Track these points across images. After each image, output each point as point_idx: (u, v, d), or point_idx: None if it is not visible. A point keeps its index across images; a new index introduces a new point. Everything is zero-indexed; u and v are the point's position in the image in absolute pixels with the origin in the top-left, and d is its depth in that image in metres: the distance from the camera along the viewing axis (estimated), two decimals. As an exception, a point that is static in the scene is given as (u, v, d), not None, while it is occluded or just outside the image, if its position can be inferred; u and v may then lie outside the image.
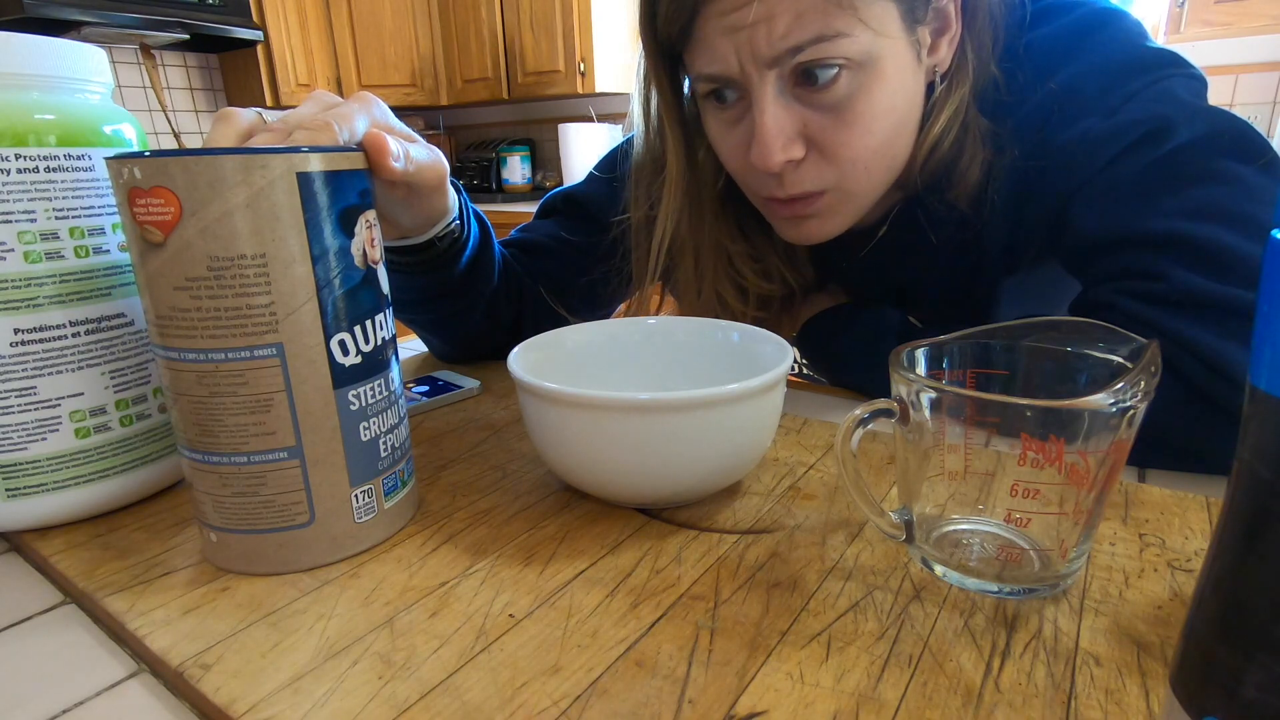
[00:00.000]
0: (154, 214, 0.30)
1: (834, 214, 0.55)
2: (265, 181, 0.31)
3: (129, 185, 0.31)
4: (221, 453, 0.33)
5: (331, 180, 0.33)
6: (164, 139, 2.69)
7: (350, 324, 0.34)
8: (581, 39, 2.82)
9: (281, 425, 0.33)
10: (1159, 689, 0.27)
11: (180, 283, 0.31)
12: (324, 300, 0.33)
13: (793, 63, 0.47)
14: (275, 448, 0.33)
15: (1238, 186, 0.45)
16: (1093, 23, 0.52)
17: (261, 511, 0.34)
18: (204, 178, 0.30)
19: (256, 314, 0.32)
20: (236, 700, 0.27)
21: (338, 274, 0.33)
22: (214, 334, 0.32)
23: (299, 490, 0.34)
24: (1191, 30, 2.13)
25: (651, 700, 0.27)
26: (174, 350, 0.32)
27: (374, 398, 0.36)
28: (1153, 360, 0.29)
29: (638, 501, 0.40)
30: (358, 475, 0.36)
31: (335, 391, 0.34)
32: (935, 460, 0.33)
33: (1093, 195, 0.49)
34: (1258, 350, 0.17)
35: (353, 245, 0.34)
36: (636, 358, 0.49)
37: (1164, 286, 0.45)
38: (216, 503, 0.34)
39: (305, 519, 0.35)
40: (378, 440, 0.37)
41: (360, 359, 0.35)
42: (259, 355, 0.32)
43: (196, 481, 0.35)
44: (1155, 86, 0.49)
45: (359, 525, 0.36)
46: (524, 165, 3.38)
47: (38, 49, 0.36)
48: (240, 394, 0.32)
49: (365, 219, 0.35)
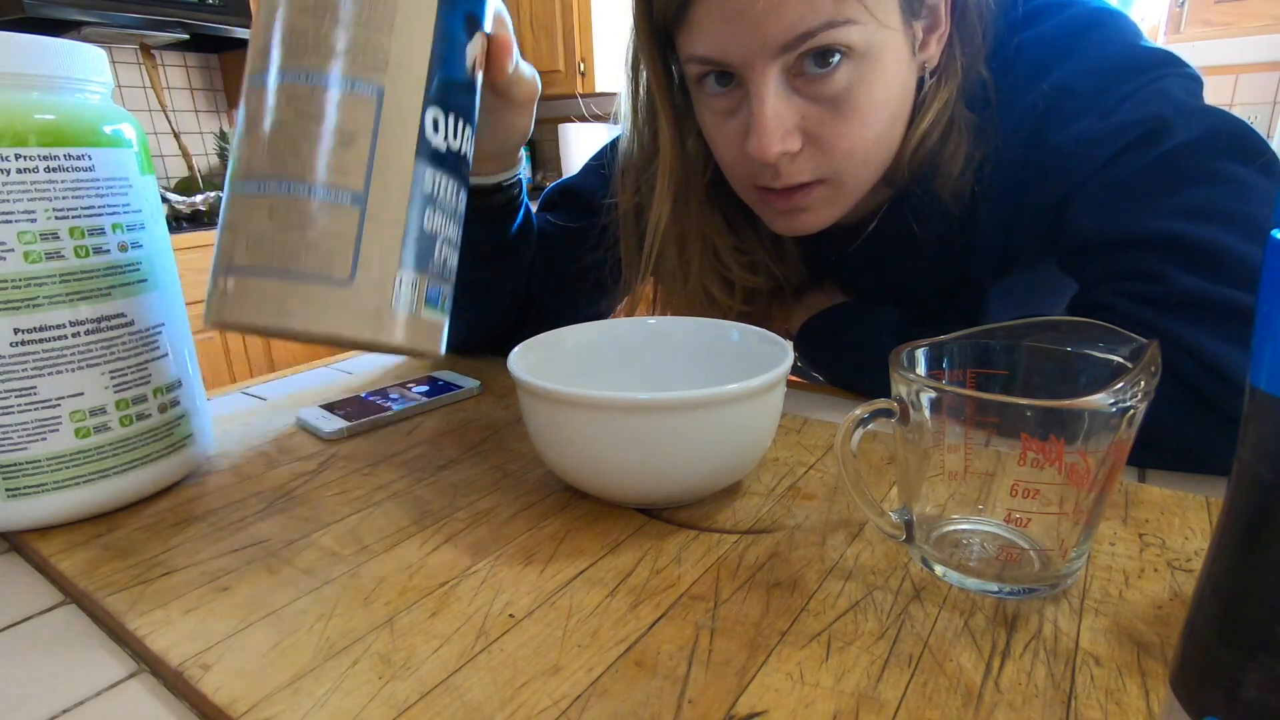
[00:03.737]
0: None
1: (827, 206, 0.55)
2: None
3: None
4: (284, 178, 0.31)
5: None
6: (164, 139, 2.69)
7: (446, 107, 0.34)
8: (581, 39, 2.82)
9: (355, 166, 0.32)
10: (1159, 689, 0.27)
11: (307, 6, 0.31)
12: (433, 69, 0.33)
13: (801, 49, 0.47)
14: (342, 186, 0.32)
15: (1236, 187, 0.45)
16: (1086, 22, 0.52)
17: (302, 253, 0.31)
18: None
19: (370, 49, 0.31)
20: (236, 700, 0.27)
21: (450, 58, 0.34)
22: (325, 56, 0.31)
23: (349, 239, 0.32)
24: (1191, 30, 2.13)
25: (651, 700, 0.27)
26: (274, 72, 0.32)
27: (445, 193, 0.35)
28: (1153, 360, 0.29)
29: (638, 501, 0.40)
30: (410, 258, 0.34)
31: (416, 160, 0.33)
32: (935, 460, 0.33)
33: (1090, 196, 0.49)
34: (1258, 350, 0.17)
35: (468, 48, 0.35)
36: (636, 358, 0.49)
37: (1162, 288, 0.45)
38: (254, 239, 0.31)
39: (345, 274, 0.32)
40: (437, 239, 0.35)
41: (444, 147, 0.35)
42: (359, 89, 0.31)
43: (237, 219, 0.32)
44: (1151, 86, 0.49)
45: (392, 312, 0.33)
46: (524, 165, 3.37)
47: (38, 49, 0.36)
48: (327, 122, 0.31)
49: (480, 39, 0.36)
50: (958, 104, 0.53)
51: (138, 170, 0.41)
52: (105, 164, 0.38)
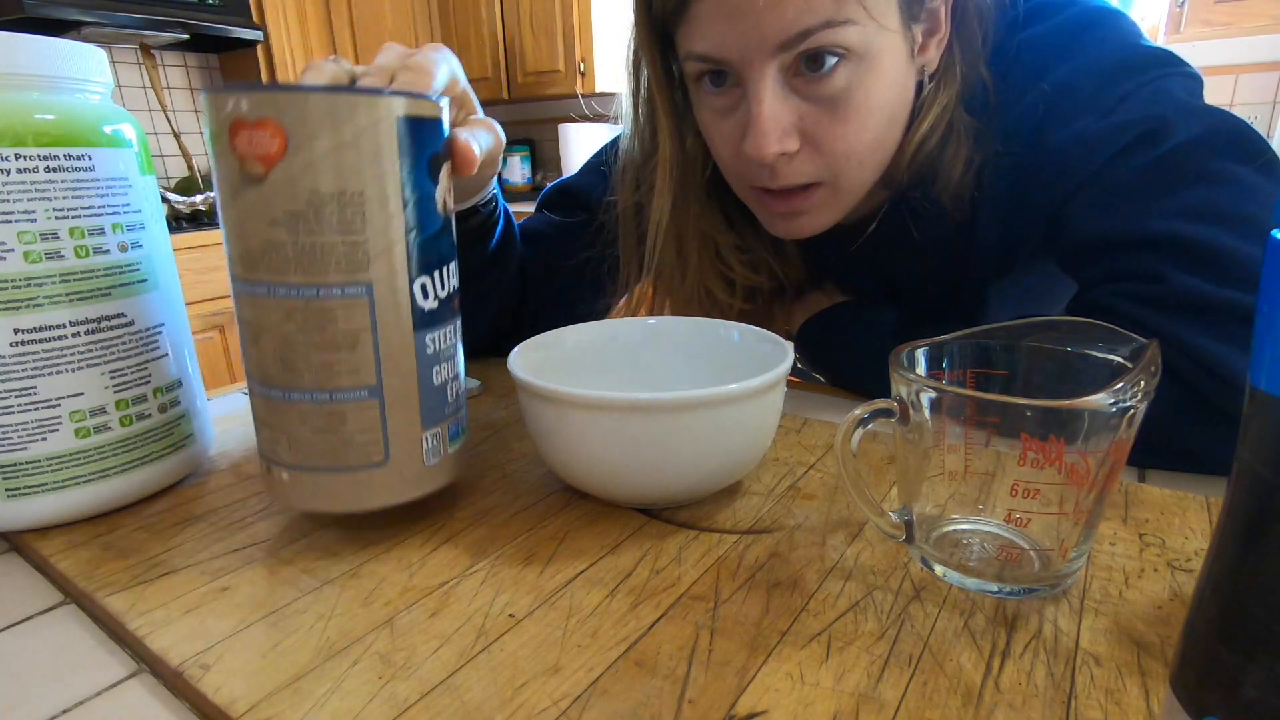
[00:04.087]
0: (258, 146, 0.31)
1: (825, 209, 0.55)
2: (371, 121, 0.31)
3: (233, 117, 0.31)
4: (304, 389, 0.33)
5: (426, 126, 0.34)
6: (164, 139, 2.69)
7: (430, 269, 0.35)
8: (581, 39, 2.82)
9: (364, 364, 0.33)
10: (1159, 689, 0.27)
11: (278, 217, 0.31)
12: (411, 242, 0.34)
13: (799, 48, 0.47)
14: (357, 386, 0.34)
15: (1236, 187, 0.45)
16: (1085, 21, 0.52)
17: (340, 449, 0.34)
18: (314, 113, 0.30)
19: (350, 251, 0.32)
20: (236, 700, 0.27)
21: (423, 218, 0.34)
22: (307, 270, 0.32)
23: (376, 429, 0.34)
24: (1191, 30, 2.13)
25: (651, 700, 0.27)
26: (263, 285, 0.32)
27: (445, 343, 0.37)
28: (1153, 360, 0.29)
29: (638, 501, 0.40)
30: (429, 417, 0.36)
31: (415, 334, 0.35)
32: (935, 460, 0.33)
33: (1089, 196, 0.49)
34: (1258, 350, 0.17)
35: (436, 192, 0.35)
36: (636, 358, 0.49)
37: (1162, 289, 0.45)
38: (293, 440, 0.34)
39: (380, 458, 0.35)
40: (446, 385, 0.37)
41: (437, 304, 0.36)
42: (349, 293, 0.32)
43: (272, 419, 0.35)
44: (1151, 86, 0.49)
45: (427, 468, 0.37)
46: (524, 165, 3.38)
47: (38, 49, 0.36)
48: (328, 331, 0.33)
49: (445, 168, 0.36)
50: (957, 108, 0.53)
51: (138, 170, 0.41)
52: (105, 164, 0.38)
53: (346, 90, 0.32)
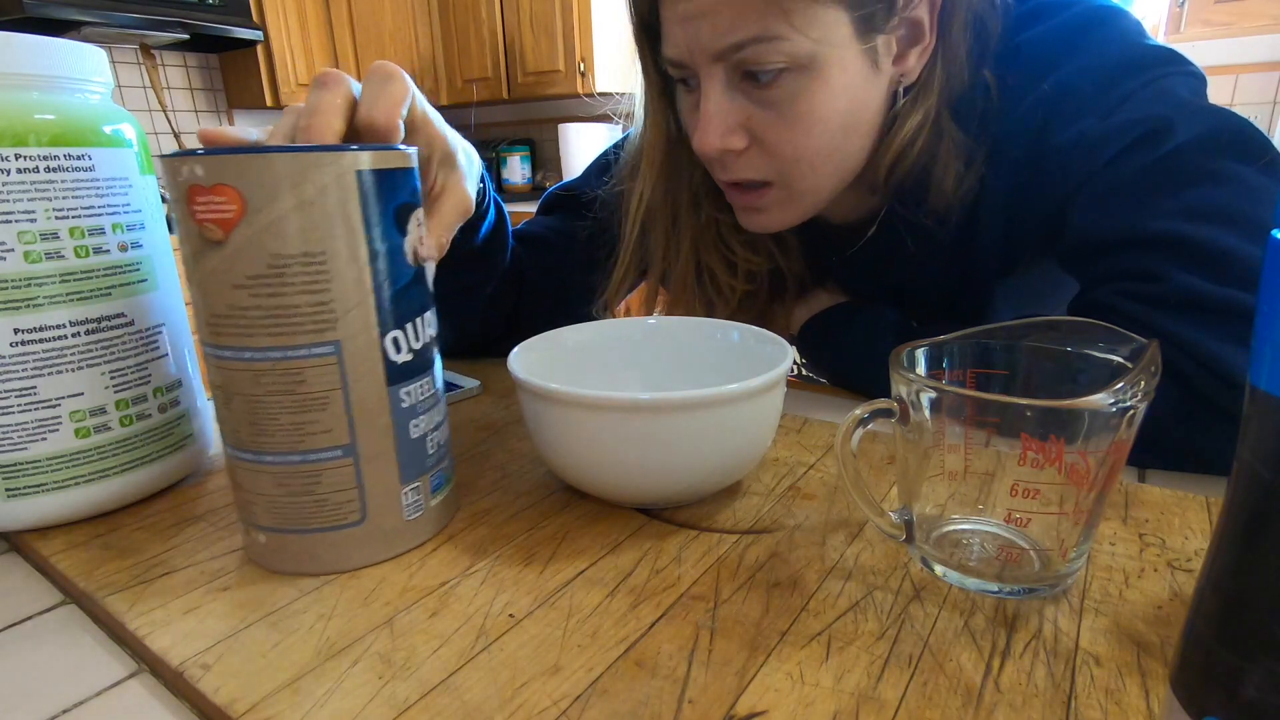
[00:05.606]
0: (215, 212, 0.30)
1: (782, 208, 0.57)
2: (329, 179, 0.31)
3: (189, 183, 0.30)
4: (276, 452, 0.33)
5: (389, 178, 0.33)
6: (164, 139, 2.69)
7: (402, 321, 0.35)
8: (581, 39, 2.82)
9: (336, 423, 0.33)
10: (1159, 689, 0.27)
11: (240, 280, 0.31)
12: (379, 297, 0.33)
13: (734, 59, 0.49)
14: (330, 446, 0.33)
15: (1237, 186, 0.45)
16: (1087, 21, 0.52)
17: (315, 511, 0.34)
18: (269, 176, 0.30)
19: (316, 311, 0.32)
20: (236, 700, 0.27)
21: (392, 271, 0.34)
22: (273, 332, 0.31)
23: (352, 489, 0.34)
24: (1191, 30, 2.13)
25: (651, 700, 0.27)
26: (229, 349, 0.32)
27: (422, 395, 0.36)
28: (1153, 360, 0.29)
29: (638, 501, 0.40)
30: (408, 472, 0.36)
31: (388, 389, 0.34)
32: (935, 460, 0.33)
33: (1091, 196, 0.49)
34: (1258, 350, 0.17)
35: (405, 243, 0.34)
36: (636, 358, 0.49)
37: (1163, 288, 0.45)
38: (268, 503, 0.34)
39: (357, 517, 0.35)
40: (426, 437, 0.37)
41: (411, 356, 0.35)
42: (317, 353, 0.32)
43: (246, 482, 0.34)
44: (1153, 85, 0.49)
45: (408, 522, 0.36)
46: (524, 165, 3.38)
47: (38, 49, 0.36)
48: (297, 392, 0.32)
49: (415, 216, 0.35)
50: (944, 118, 0.53)
51: (138, 170, 0.41)
52: (105, 164, 0.38)
53: (303, 149, 0.31)
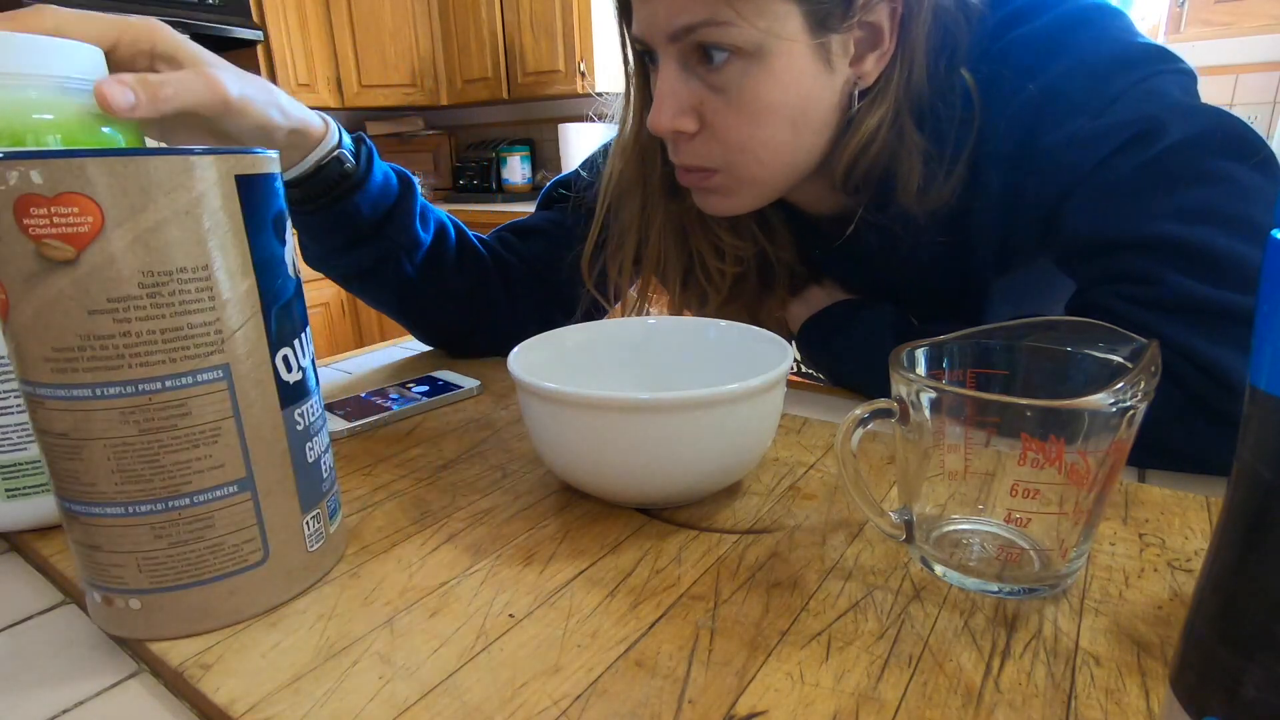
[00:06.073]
0: (61, 226, 0.26)
1: (731, 194, 0.58)
2: (207, 185, 0.28)
3: (18, 193, 0.25)
4: (154, 499, 0.29)
5: (267, 182, 0.30)
6: (164, 139, 2.69)
7: (289, 338, 0.32)
8: (581, 39, 2.81)
9: (230, 456, 0.30)
10: (1159, 689, 0.27)
11: (99, 305, 0.26)
12: (268, 314, 0.30)
13: (687, 40, 0.50)
14: (224, 482, 0.30)
15: (1231, 186, 0.45)
16: (1075, 19, 0.51)
17: (208, 558, 0.30)
18: (135, 182, 0.26)
19: (199, 333, 0.28)
20: (236, 700, 0.27)
21: (278, 285, 0.31)
22: (147, 361, 0.27)
23: (251, 526, 0.31)
24: (1191, 30, 2.13)
25: (651, 700, 0.27)
26: (84, 388, 0.27)
27: (313, 416, 0.34)
28: (1153, 360, 0.29)
29: (638, 501, 0.40)
30: (307, 500, 0.33)
31: (283, 411, 0.31)
32: (935, 460, 0.33)
33: (1084, 198, 0.49)
34: (1258, 350, 0.17)
35: (286, 253, 0.32)
36: (636, 358, 0.49)
37: (1158, 291, 0.44)
38: (143, 561, 0.29)
39: (259, 557, 0.31)
40: (320, 460, 0.34)
41: (300, 375, 0.33)
42: (203, 380, 0.29)
43: (108, 543, 0.29)
44: (1144, 84, 0.48)
45: (311, 554, 0.34)
46: (524, 165, 3.37)
47: (38, 49, 0.36)
48: (181, 426, 0.28)
49: (290, 225, 0.33)
50: (906, 122, 0.53)
51: (137, 170, 0.40)
52: (105, 164, 0.38)
53: (174, 152, 0.27)
